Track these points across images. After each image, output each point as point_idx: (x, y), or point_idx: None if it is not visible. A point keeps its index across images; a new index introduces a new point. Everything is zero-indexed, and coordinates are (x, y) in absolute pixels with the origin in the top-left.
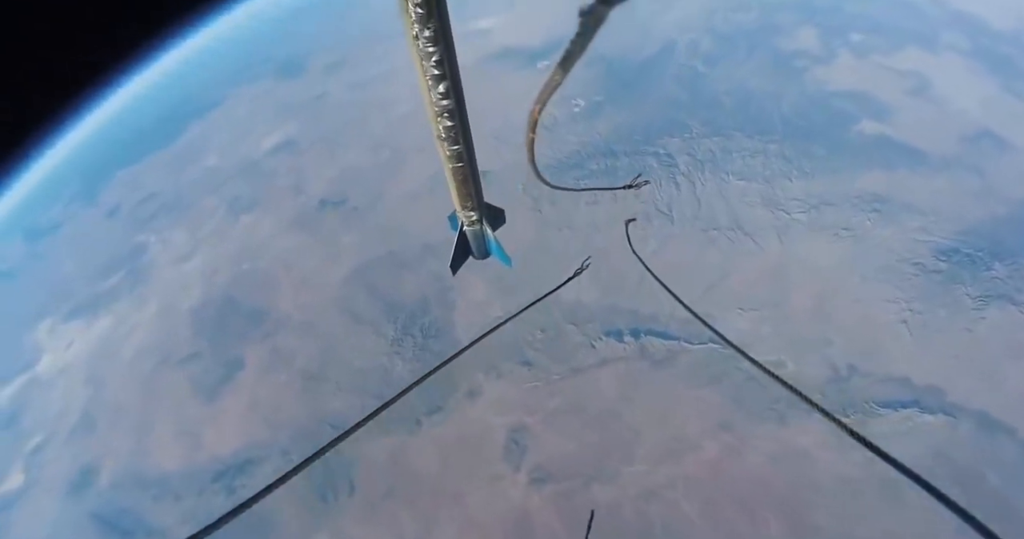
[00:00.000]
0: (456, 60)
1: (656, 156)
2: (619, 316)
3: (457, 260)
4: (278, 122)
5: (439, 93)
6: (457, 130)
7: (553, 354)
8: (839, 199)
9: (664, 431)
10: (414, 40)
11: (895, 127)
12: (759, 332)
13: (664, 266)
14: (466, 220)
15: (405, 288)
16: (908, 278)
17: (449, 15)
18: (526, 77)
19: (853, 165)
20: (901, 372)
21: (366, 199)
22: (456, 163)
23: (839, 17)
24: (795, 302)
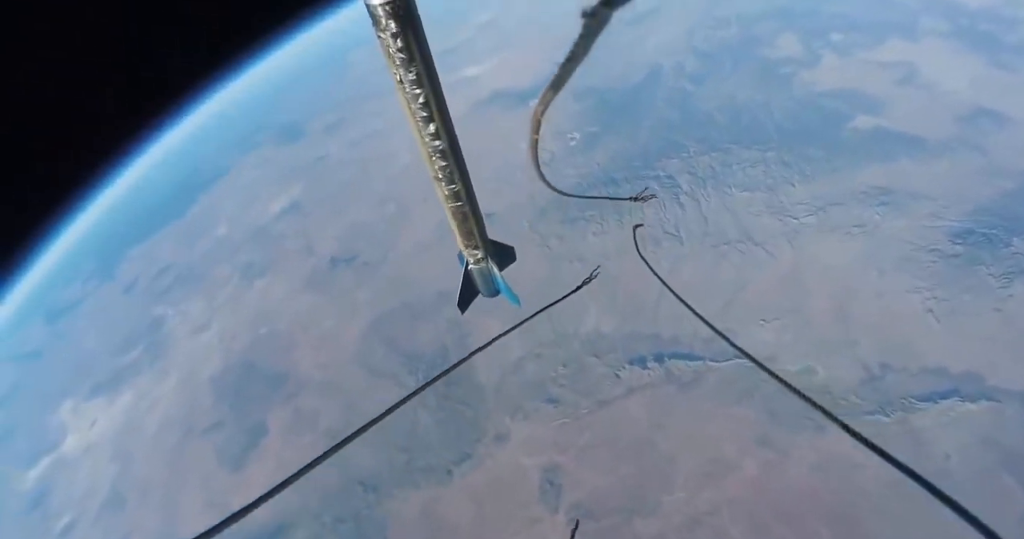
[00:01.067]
0: (444, 102)
1: (657, 179)
2: (640, 342)
3: (464, 299)
4: (283, 186)
5: (429, 134)
6: (452, 170)
7: (578, 388)
8: (845, 197)
9: (700, 454)
10: (399, 84)
11: (889, 118)
12: (783, 341)
13: (679, 287)
14: (471, 258)
15: (422, 337)
16: (927, 266)
17: (433, 59)
18: (518, 116)
19: (853, 162)
20: (935, 362)
21: (376, 253)
22: (454, 202)
23: (817, 20)
24: (816, 306)
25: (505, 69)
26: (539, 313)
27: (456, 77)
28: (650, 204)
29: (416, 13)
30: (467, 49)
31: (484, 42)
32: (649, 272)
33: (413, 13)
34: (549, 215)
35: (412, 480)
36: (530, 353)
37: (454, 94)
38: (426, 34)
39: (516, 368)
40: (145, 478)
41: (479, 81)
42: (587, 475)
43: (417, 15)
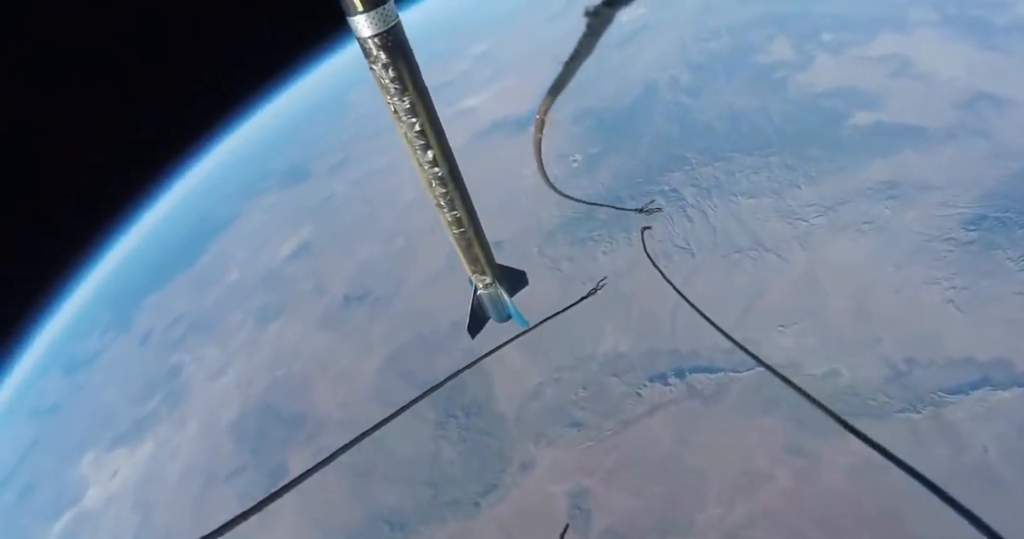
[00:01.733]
0: (441, 129)
1: (662, 193)
2: (659, 359)
3: (474, 324)
4: (292, 229)
5: (428, 162)
6: (452, 196)
7: (600, 410)
8: (852, 195)
9: (731, 468)
10: (395, 114)
11: (888, 112)
12: (805, 346)
13: (695, 299)
14: (479, 284)
15: (439, 369)
16: (943, 256)
17: (427, 88)
18: (519, 143)
19: (857, 159)
20: (962, 353)
21: (388, 288)
22: (457, 228)
23: (807, 22)
24: (834, 307)
25: (503, 98)
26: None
27: (455, 109)
28: (657, 219)
29: (406, 43)
30: (464, 81)
31: (481, 73)
32: (662, 287)
33: (403, 43)
34: (557, 238)
35: (439, 515)
36: (549, 378)
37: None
38: (422, 68)
39: (535, 394)
40: (168, 527)
41: (478, 111)
42: (616, 498)
43: (407, 45)
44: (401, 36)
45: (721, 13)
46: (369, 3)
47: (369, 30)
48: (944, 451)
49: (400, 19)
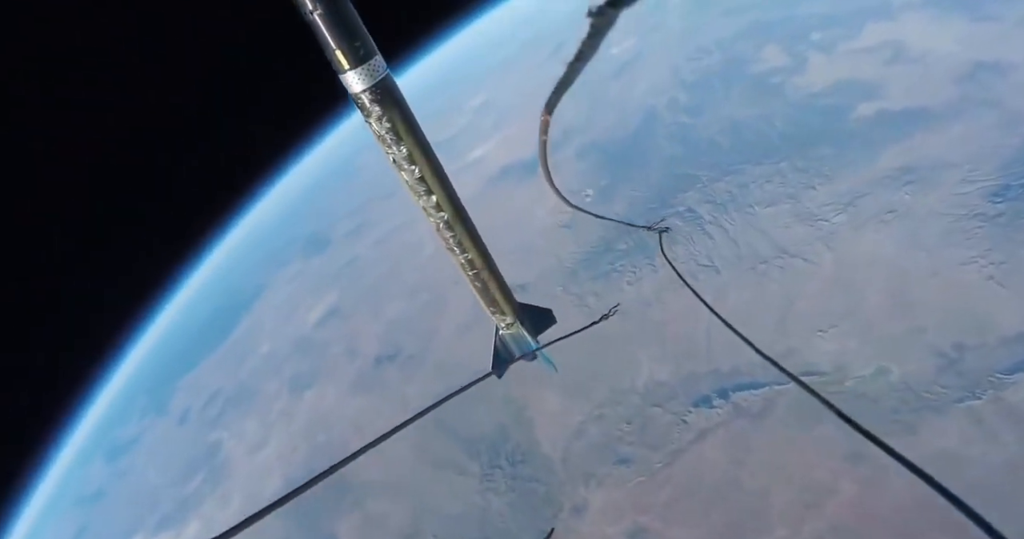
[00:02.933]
0: (442, 174)
1: (678, 215)
2: (700, 382)
3: (499, 363)
4: (319, 295)
5: (432, 207)
6: (461, 239)
7: (647, 443)
8: (869, 187)
9: (791, 485)
10: (394, 164)
11: (890, 99)
12: (848, 348)
13: (728, 316)
14: (501, 324)
15: (478, 420)
16: (974, 233)
17: (423, 135)
18: (530, 184)
19: (867, 150)
20: (1013, 330)
21: (418, 344)
22: (470, 270)
23: (793, 25)
24: (871, 303)
25: (508, 144)
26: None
27: (462, 162)
28: (677, 239)
29: (398, 94)
30: (468, 133)
31: (482, 123)
32: (693, 309)
33: (395, 95)
34: (580, 274)
35: None
36: (590, 416)
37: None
38: (425, 127)
39: (579, 434)
40: None
41: (485, 160)
42: (676, 532)
43: (400, 96)
44: (392, 87)
45: (707, 31)
46: (356, 60)
47: (360, 85)
48: (1012, 435)
49: (389, 72)
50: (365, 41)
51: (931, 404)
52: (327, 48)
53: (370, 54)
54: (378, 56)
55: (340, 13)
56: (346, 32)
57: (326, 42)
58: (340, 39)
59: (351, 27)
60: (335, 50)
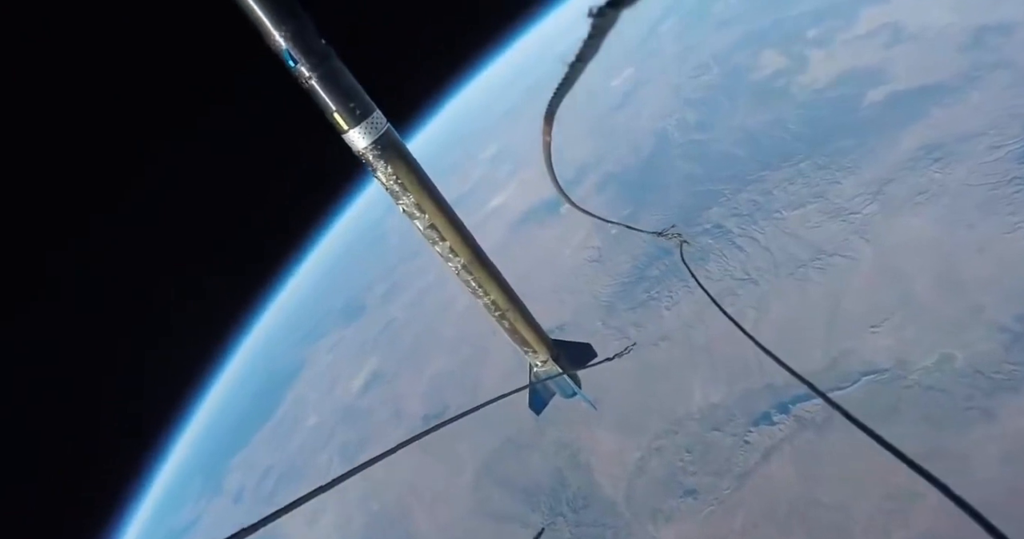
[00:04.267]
0: (454, 219)
1: (707, 233)
2: (757, 399)
3: (536, 402)
4: (360, 362)
5: (447, 253)
6: (480, 282)
7: (711, 470)
8: (896, 171)
9: (872, 494)
10: (404, 213)
11: (899, 81)
12: (906, 339)
13: (775, 328)
14: (536, 363)
15: (535, 469)
16: (1013, 198)
17: (431, 184)
18: (555, 224)
19: (886, 135)
20: None
21: (464, 398)
22: (495, 312)
23: (785, 27)
24: (921, 289)
25: (525, 189)
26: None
27: (484, 212)
28: (711, 257)
29: (401, 146)
30: (486, 183)
31: (498, 172)
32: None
33: (397, 147)
34: (617, 307)
35: None
36: (648, 450)
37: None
38: (442, 182)
39: (639, 471)
40: None
41: (506, 207)
42: None
43: (402, 147)
44: (394, 140)
45: (702, 48)
46: (355, 119)
47: (364, 141)
48: None
49: (390, 125)
50: (361, 100)
51: (1004, 384)
52: (327, 111)
53: (368, 111)
54: (376, 112)
55: (335, 78)
56: (342, 94)
57: (325, 106)
58: (337, 102)
59: (346, 89)
60: (334, 112)
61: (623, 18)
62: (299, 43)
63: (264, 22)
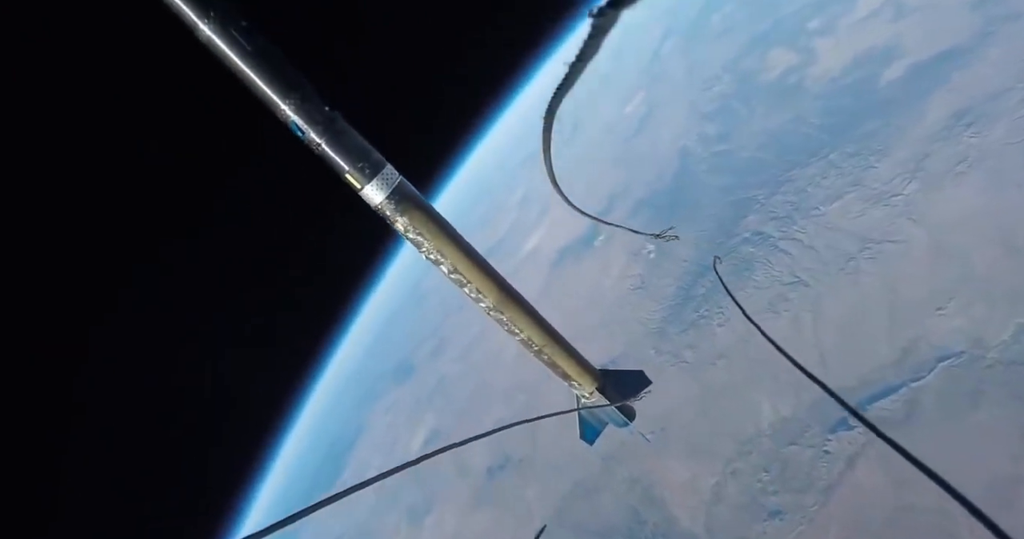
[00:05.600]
0: (477, 262)
1: (747, 242)
2: (830, 405)
3: (587, 433)
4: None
5: (475, 296)
6: (513, 320)
7: (794, 487)
8: (930, 144)
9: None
10: (427, 259)
11: (912, 53)
12: (976, 317)
13: (835, 328)
14: (582, 395)
15: (608, 510)
16: None
17: (450, 231)
18: (592, 258)
19: (911, 109)
20: None
21: (526, 447)
22: (531, 349)
23: (786, 24)
24: (982, 262)
25: (558, 227)
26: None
27: (520, 257)
28: (755, 266)
29: (415, 196)
30: (518, 229)
31: (528, 215)
32: (795, 331)
33: (412, 197)
34: (668, 331)
35: None
36: (723, 475)
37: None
38: (469, 229)
39: (717, 498)
40: None
41: (541, 248)
42: None
43: (417, 197)
44: (407, 191)
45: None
46: (366, 177)
47: (379, 196)
48: None
49: (402, 178)
50: (370, 158)
51: None
52: (340, 173)
53: (379, 167)
54: (388, 166)
55: (343, 140)
56: (352, 155)
57: (338, 168)
58: (348, 163)
59: (355, 149)
60: (346, 174)
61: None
62: (304, 113)
63: (269, 96)
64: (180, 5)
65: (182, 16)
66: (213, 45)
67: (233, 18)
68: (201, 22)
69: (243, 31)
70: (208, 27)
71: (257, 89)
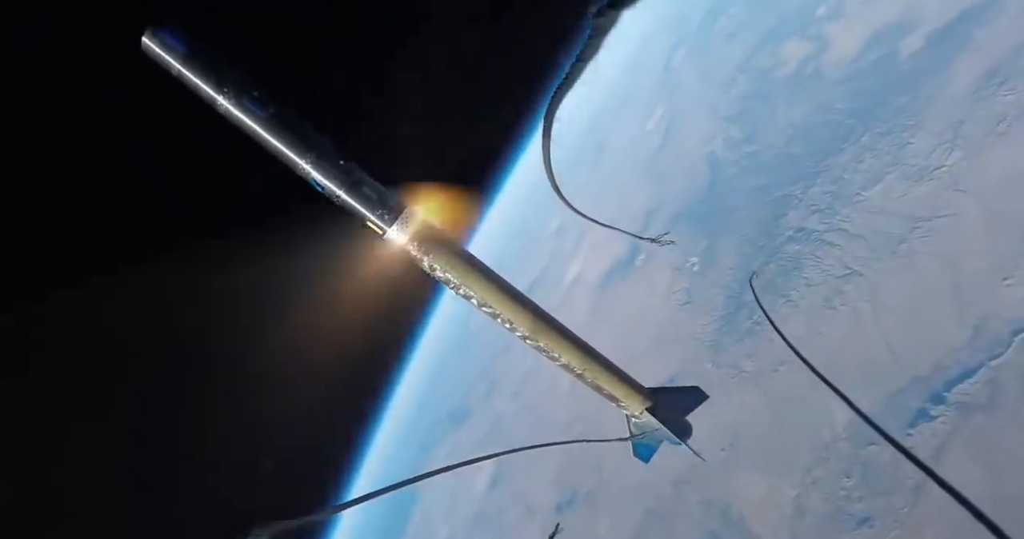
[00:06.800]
0: (507, 293)
1: (792, 240)
2: (906, 397)
3: (641, 451)
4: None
5: (509, 327)
6: (550, 347)
7: (880, 489)
8: (964, 110)
9: None
10: (457, 294)
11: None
12: None
13: (898, 315)
14: (632, 415)
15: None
16: None
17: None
18: (635, 278)
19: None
20: None
21: (592, 479)
22: (573, 374)
23: (793, 16)
24: None
25: (597, 252)
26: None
27: (564, 286)
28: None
29: (439, 235)
30: (558, 258)
31: (566, 244)
32: (856, 325)
33: (434, 235)
34: (723, 343)
35: None
36: (803, 486)
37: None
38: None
39: (799, 511)
40: None
41: (584, 276)
42: None
43: (440, 236)
44: (431, 231)
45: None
46: (386, 221)
47: (401, 238)
48: None
49: (423, 217)
50: (388, 202)
51: None
52: (362, 221)
53: (396, 210)
54: (407, 208)
55: (361, 191)
56: (372, 203)
57: (360, 216)
58: (369, 210)
59: (374, 198)
60: (366, 222)
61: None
62: (321, 169)
63: (287, 157)
64: (198, 83)
65: (200, 93)
66: (231, 116)
67: (246, 90)
68: (218, 96)
69: (256, 100)
70: (225, 100)
71: (275, 151)
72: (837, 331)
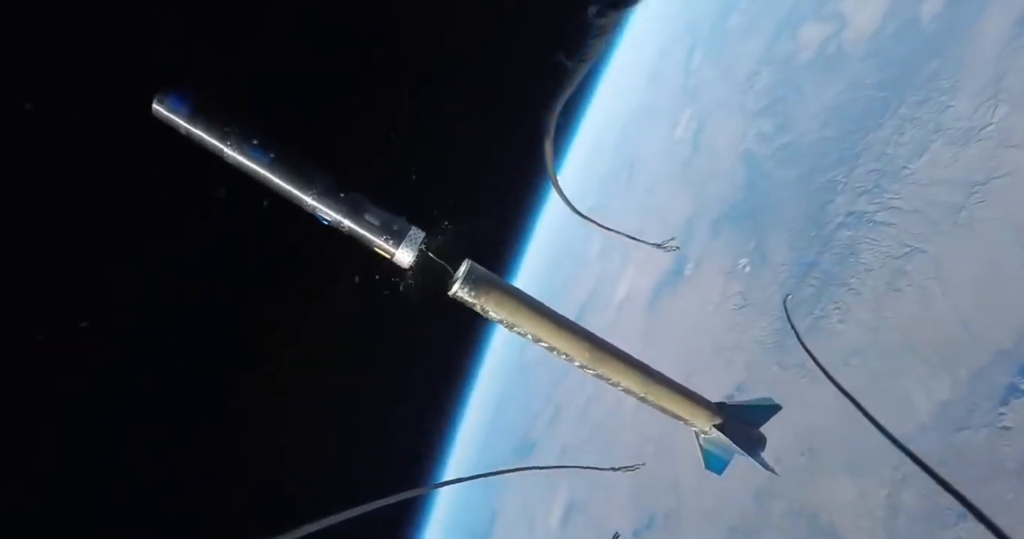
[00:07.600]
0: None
1: (843, 226)
2: (992, 374)
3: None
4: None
5: (564, 358)
6: (608, 375)
7: (976, 477)
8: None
9: None
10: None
11: None
12: None
13: (969, 289)
14: (701, 434)
15: None
16: None
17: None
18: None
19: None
20: None
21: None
22: (634, 397)
23: None
24: None
25: (643, 269)
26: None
27: (614, 308)
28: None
29: (485, 276)
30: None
31: (610, 265)
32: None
33: (485, 279)
34: (786, 344)
35: None
36: (892, 483)
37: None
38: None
39: (893, 510)
40: None
41: (633, 294)
42: None
43: (488, 276)
44: (479, 274)
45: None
46: (394, 244)
47: (408, 258)
48: None
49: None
50: (391, 227)
51: None
52: (370, 247)
53: (401, 233)
54: (413, 229)
55: (363, 219)
56: (376, 229)
57: (368, 242)
58: (376, 235)
59: (377, 225)
60: (375, 247)
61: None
62: (324, 203)
63: (292, 196)
64: (203, 137)
65: (206, 145)
66: (237, 163)
67: (247, 138)
68: (224, 147)
69: (257, 147)
70: (230, 149)
71: (280, 191)
72: (907, 313)
